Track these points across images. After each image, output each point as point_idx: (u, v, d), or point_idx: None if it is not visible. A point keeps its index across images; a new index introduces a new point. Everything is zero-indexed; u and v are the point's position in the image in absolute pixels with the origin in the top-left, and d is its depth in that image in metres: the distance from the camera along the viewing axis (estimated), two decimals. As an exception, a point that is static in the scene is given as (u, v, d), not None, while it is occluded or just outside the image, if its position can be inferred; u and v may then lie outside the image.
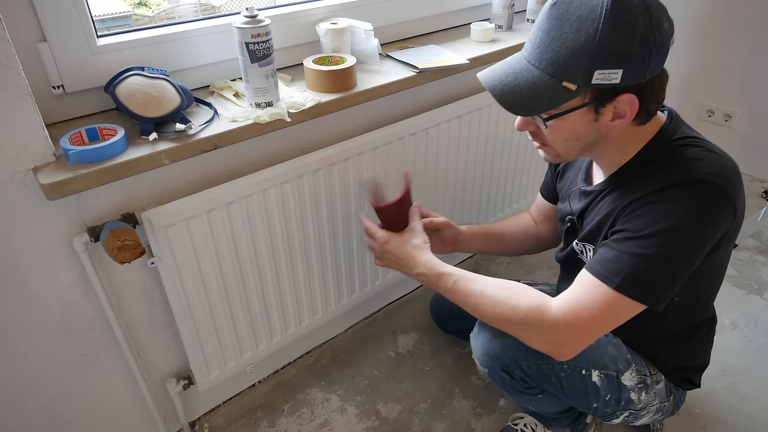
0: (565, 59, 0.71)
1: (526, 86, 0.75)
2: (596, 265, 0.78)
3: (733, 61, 2.10)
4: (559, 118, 0.77)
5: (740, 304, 1.58)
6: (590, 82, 0.71)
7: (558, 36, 0.71)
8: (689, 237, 0.74)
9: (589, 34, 0.68)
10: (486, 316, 0.86)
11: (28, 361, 0.93)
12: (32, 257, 0.86)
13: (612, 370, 0.95)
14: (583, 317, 0.77)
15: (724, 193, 0.74)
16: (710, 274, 0.88)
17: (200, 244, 0.97)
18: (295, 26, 1.12)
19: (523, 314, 0.81)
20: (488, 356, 0.97)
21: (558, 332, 0.78)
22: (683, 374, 1.02)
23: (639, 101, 0.73)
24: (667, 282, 0.76)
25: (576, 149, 0.83)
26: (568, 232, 1.01)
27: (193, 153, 0.88)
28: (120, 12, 2.95)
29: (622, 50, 0.68)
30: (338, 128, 1.17)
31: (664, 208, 0.75)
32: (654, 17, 0.68)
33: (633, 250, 0.75)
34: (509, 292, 0.84)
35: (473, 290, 0.87)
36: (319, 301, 1.27)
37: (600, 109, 0.75)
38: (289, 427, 1.26)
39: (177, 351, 1.14)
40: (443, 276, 0.91)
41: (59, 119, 0.91)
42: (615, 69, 0.69)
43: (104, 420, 1.10)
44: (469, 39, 1.36)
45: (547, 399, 1.01)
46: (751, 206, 2.04)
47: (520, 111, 0.78)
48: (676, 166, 0.77)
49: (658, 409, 1.02)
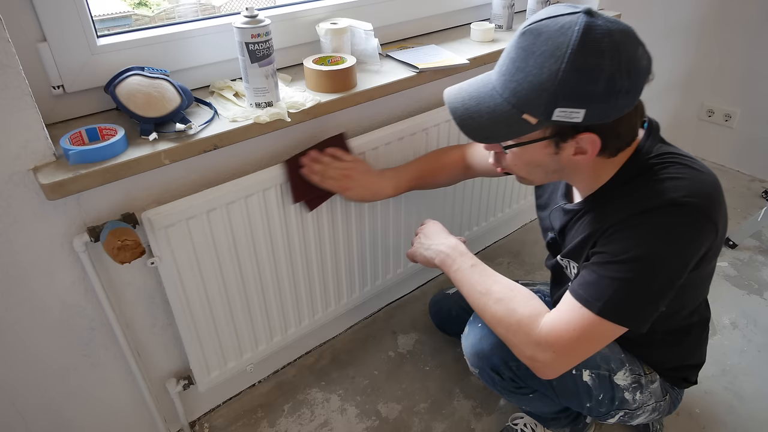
0: (527, 92, 0.69)
1: (487, 113, 0.73)
2: (578, 289, 0.78)
3: (733, 61, 2.10)
4: (519, 148, 0.76)
5: (740, 304, 1.58)
6: (551, 118, 0.69)
7: (522, 68, 0.69)
8: (669, 260, 0.73)
9: (552, 72, 0.66)
10: (483, 311, 0.86)
11: (28, 361, 0.93)
12: (32, 257, 0.86)
13: (604, 369, 0.95)
14: (564, 339, 0.76)
15: (703, 214, 0.73)
16: (695, 286, 0.87)
17: (200, 244, 0.97)
18: (295, 26, 1.12)
19: (516, 320, 0.81)
20: (477, 356, 0.98)
21: (541, 351, 0.77)
22: (679, 373, 1.02)
23: (602, 140, 0.71)
24: (648, 305, 0.75)
25: (539, 175, 0.82)
26: (551, 247, 1.01)
27: (193, 153, 0.88)
28: (120, 12, 2.95)
29: (585, 91, 0.66)
30: (338, 128, 1.17)
31: (642, 233, 0.73)
32: (624, 60, 0.65)
33: (612, 275, 0.74)
34: (513, 294, 0.84)
35: (484, 281, 0.87)
36: (319, 301, 1.27)
37: (561, 143, 0.73)
38: (289, 427, 1.26)
39: (177, 351, 1.14)
40: (465, 255, 0.93)
41: (59, 119, 0.91)
42: (577, 108, 0.67)
43: (104, 420, 1.10)
44: (469, 39, 1.36)
45: (539, 399, 1.01)
46: (751, 206, 2.04)
47: (479, 138, 0.77)
48: (653, 188, 0.75)
49: (654, 409, 1.01)
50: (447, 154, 1.18)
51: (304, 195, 1.07)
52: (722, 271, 1.71)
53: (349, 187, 1.05)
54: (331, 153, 1.06)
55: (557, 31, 0.66)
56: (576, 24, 0.65)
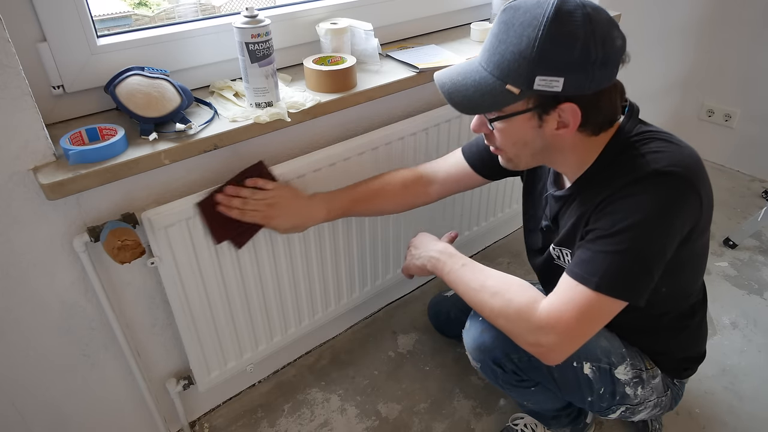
0: (508, 63, 0.73)
1: (473, 86, 0.77)
2: (574, 267, 0.79)
3: (733, 61, 2.10)
4: (504, 121, 0.79)
5: (740, 304, 1.58)
6: (532, 88, 0.72)
7: (504, 40, 0.73)
8: (658, 228, 0.75)
9: (530, 40, 0.70)
10: (481, 307, 0.87)
11: (28, 360, 0.93)
12: (32, 257, 0.86)
13: (605, 363, 0.95)
14: (565, 319, 0.77)
15: (686, 182, 0.75)
16: (691, 262, 0.88)
17: (200, 244, 0.97)
18: (295, 26, 1.12)
19: (514, 310, 0.81)
20: (479, 350, 0.98)
21: (543, 334, 0.78)
22: (684, 363, 1.02)
23: (582, 112, 0.74)
24: (643, 275, 0.77)
25: (526, 155, 0.84)
26: (544, 237, 1.00)
27: (193, 153, 0.88)
28: (120, 12, 2.95)
29: (562, 59, 0.70)
30: (338, 128, 1.17)
31: (629, 203, 0.76)
32: (598, 30, 0.69)
33: (606, 249, 0.76)
34: (508, 286, 0.85)
35: (476, 277, 0.89)
36: (319, 301, 1.27)
37: (543, 116, 0.76)
38: (289, 427, 1.26)
39: (177, 351, 1.14)
40: (454, 257, 0.95)
41: (59, 119, 0.91)
42: (556, 77, 0.70)
43: (104, 420, 1.10)
44: (469, 39, 1.36)
45: (541, 392, 1.01)
46: (751, 206, 2.04)
47: (465, 109, 0.80)
48: (636, 162, 0.78)
49: (655, 404, 1.02)
50: (390, 176, 1.11)
51: (226, 234, 0.98)
52: (722, 271, 1.71)
53: (275, 215, 0.97)
54: (251, 184, 0.98)
55: (534, 5, 0.71)
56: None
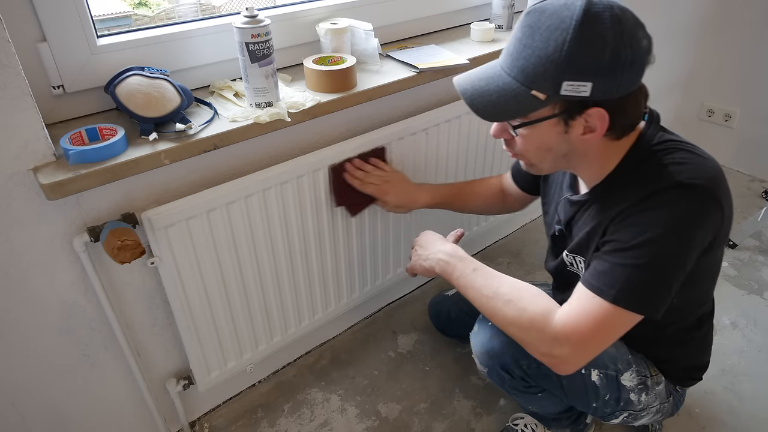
0: (534, 68, 0.70)
1: (496, 92, 0.75)
2: (591, 279, 0.77)
3: (733, 61, 2.10)
4: (528, 127, 0.76)
5: (740, 304, 1.58)
6: (559, 93, 0.70)
7: (529, 44, 0.70)
8: (678, 241, 0.73)
9: (558, 45, 0.67)
10: (493, 314, 0.85)
11: (28, 361, 0.93)
12: (32, 257, 0.86)
13: (611, 369, 0.95)
14: (580, 331, 0.75)
15: (709, 195, 0.73)
16: (706, 274, 0.87)
17: (200, 244, 0.97)
18: (295, 26, 1.12)
19: (528, 319, 0.79)
20: (488, 355, 0.97)
21: (557, 346, 0.76)
22: (687, 373, 1.02)
23: (610, 117, 0.72)
24: (662, 290, 0.75)
25: (549, 161, 0.82)
26: (556, 242, 0.99)
27: (193, 153, 0.88)
28: (120, 12, 2.96)
29: (591, 63, 0.67)
30: (338, 128, 1.17)
31: (650, 216, 0.74)
32: (627, 31, 0.67)
33: (625, 262, 0.74)
34: (521, 293, 0.83)
35: (489, 284, 0.86)
36: (319, 301, 1.27)
37: (570, 121, 0.74)
38: (289, 427, 1.26)
39: (177, 351, 1.14)
40: (465, 260, 0.92)
41: (59, 119, 0.91)
42: (584, 81, 0.68)
43: (104, 420, 1.10)
44: (469, 39, 1.36)
45: (547, 398, 1.01)
46: (751, 206, 2.03)
47: (488, 116, 0.78)
48: (658, 173, 0.76)
49: (657, 410, 1.02)
50: (484, 180, 1.26)
51: (345, 200, 1.15)
52: (722, 271, 1.71)
53: (388, 191, 1.14)
54: (374, 163, 1.16)
55: (561, 6, 0.68)
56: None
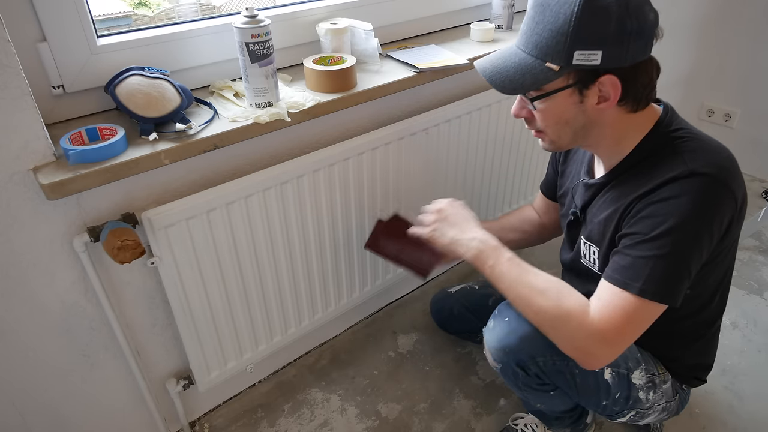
0: (547, 41, 0.76)
1: (513, 67, 0.80)
2: (614, 274, 0.80)
3: (733, 61, 2.10)
4: (545, 100, 0.80)
5: (740, 304, 1.57)
6: (571, 63, 0.75)
7: (540, 20, 0.76)
8: (697, 229, 0.76)
9: (567, 17, 0.73)
10: (527, 305, 0.85)
11: (28, 361, 0.93)
12: (32, 257, 0.86)
13: (623, 368, 0.95)
14: (615, 327, 0.77)
15: (722, 183, 0.76)
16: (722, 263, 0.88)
17: (200, 244, 0.97)
18: (295, 26, 1.12)
19: (565, 311, 0.80)
20: (503, 351, 0.95)
21: (593, 341, 0.78)
22: (693, 371, 1.02)
23: (622, 84, 0.76)
24: (684, 278, 0.78)
25: (568, 134, 0.85)
26: (571, 227, 1.01)
27: (193, 153, 0.88)
28: (120, 12, 2.96)
29: (599, 32, 0.72)
30: (338, 128, 1.17)
31: (667, 205, 0.76)
32: (630, 4, 0.72)
33: (647, 253, 0.77)
34: (558, 286, 0.84)
35: (524, 274, 0.87)
36: (319, 301, 1.27)
37: (584, 90, 0.78)
38: (289, 427, 1.26)
39: (177, 351, 1.14)
40: (499, 249, 0.91)
41: (59, 119, 0.91)
42: (594, 50, 0.73)
43: (104, 420, 1.10)
44: (469, 39, 1.36)
45: (558, 396, 1.01)
46: (751, 206, 2.03)
47: (507, 89, 0.82)
48: (674, 161, 0.79)
49: (663, 409, 1.02)
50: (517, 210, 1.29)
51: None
52: (722, 271, 1.71)
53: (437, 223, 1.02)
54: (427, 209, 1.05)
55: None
56: None
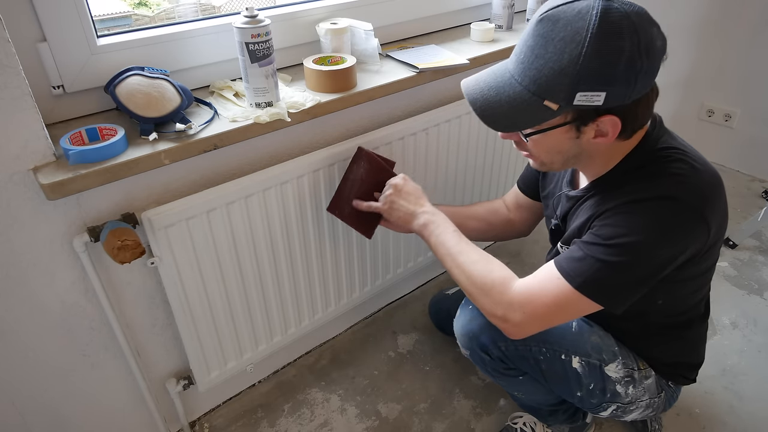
0: (547, 79, 0.69)
1: (507, 102, 0.74)
2: (563, 261, 0.81)
3: (732, 61, 2.10)
4: (540, 134, 0.77)
5: (740, 304, 1.58)
6: (572, 103, 0.70)
7: (541, 55, 0.69)
8: (654, 252, 0.75)
9: (573, 57, 0.67)
10: (461, 270, 0.89)
11: (28, 361, 0.93)
12: (32, 257, 0.86)
13: (594, 358, 0.95)
14: (535, 303, 0.81)
15: (697, 213, 0.74)
16: (693, 281, 0.88)
17: (200, 244, 0.97)
18: (295, 26, 1.12)
19: (490, 280, 0.85)
20: (467, 337, 1.00)
21: (511, 311, 0.82)
22: (677, 370, 1.02)
23: (622, 122, 0.72)
24: (626, 289, 0.78)
25: (559, 161, 0.83)
26: (554, 235, 1.02)
27: (193, 153, 0.88)
28: (120, 12, 2.96)
29: (606, 74, 0.67)
30: (338, 128, 1.17)
31: (633, 220, 0.75)
32: (642, 40, 0.66)
33: (598, 256, 0.77)
34: (490, 258, 0.90)
35: (462, 245, 0.91)
36: (319, 301, 1.27)
37: (582, 127, 0.74)
38: (289, 427, 1.26)
39: (177, 351, 1.14)
40: (447, 222, 0.95)
41: (59, 119, 0.91)
42: (598, 92, 0.68)
43: (104, 420, 1.10)
44: (469, 39, 1.36)
45: (529, 383, 1.02)
46: (751, 206, 2.03)
47: (500, 127, 0.78)
48: (654, 180, 0.77)
49: (648, 405, 1.02)
50: (485, 202, 1.25)
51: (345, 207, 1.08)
52: (722, 271, 1.71)
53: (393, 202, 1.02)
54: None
55: (575, 16, 0.67)
56: (593, 8, 0.66)
